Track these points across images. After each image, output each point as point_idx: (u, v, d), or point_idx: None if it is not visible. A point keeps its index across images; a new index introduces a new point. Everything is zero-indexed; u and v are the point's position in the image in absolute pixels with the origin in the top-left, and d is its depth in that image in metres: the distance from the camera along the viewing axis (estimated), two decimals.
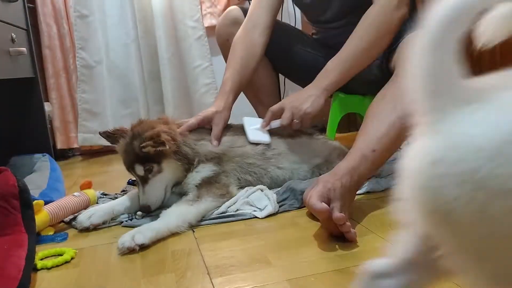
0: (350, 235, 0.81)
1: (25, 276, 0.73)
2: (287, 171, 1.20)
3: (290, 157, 1.21)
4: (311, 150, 1.24)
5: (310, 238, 0.86)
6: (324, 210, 0.80)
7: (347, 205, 0.88)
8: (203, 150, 1.13)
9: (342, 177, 0.90)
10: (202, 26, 2.28)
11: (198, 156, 1.11)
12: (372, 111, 1.03)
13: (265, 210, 1.01)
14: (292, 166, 1.21)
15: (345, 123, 2.20)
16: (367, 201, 1.06)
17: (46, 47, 2.16)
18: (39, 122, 1.71)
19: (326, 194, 0.85)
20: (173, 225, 0.95)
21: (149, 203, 1.05)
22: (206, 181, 1.08)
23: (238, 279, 0.72)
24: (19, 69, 1.54)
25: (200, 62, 2.29)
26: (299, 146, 1.23)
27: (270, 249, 0.83)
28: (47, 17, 2.15)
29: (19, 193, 0.85)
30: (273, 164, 1.19)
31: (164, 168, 1.07)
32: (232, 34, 1.50)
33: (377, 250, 0.77)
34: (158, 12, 2.21)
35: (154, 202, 1.06)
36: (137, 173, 1.06)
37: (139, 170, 1.05)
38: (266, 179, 1.18)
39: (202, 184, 1.07)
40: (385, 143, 0.96)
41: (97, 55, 2.19)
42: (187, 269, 0.77)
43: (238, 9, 1.53)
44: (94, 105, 2.20)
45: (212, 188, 1.06)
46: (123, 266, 0.81)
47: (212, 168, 1.10)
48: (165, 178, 1.08)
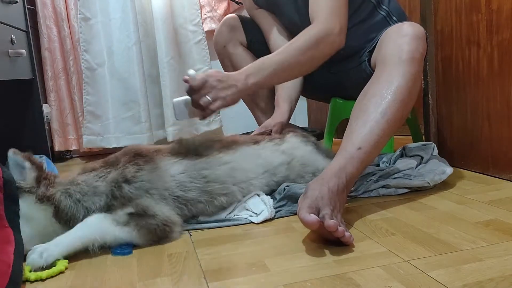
0: (345, 239, 0.80)
1: (15, 271, 0.71)
2: (236, 193, 1.06)
3: (231, 179, 1.05)
4: (258, 164, 1.12)
5: (307, 243, 0.86)
6: (315, 222, 0.79)
7: (338, 208, 0.87)
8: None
9: (329, 181, 0.89)
10: (202, 30, 2.29)
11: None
12: (355, 111, 1.04)
13: (261, 215, 1.01)
14: (239, 186, 1.06)
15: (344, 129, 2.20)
16: (363, 205, 1.06)
17: (45, 49, 2.17)
18: (37, 124, 1.71)
19: (315, 204, 0.84)
20: (88, 240, 0.85)
21: None
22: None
23: (235, 283, 0.72)
24: (18, 70, 1.54)
25: (200, 66, 2.30)
26: (242, 159, 1.09)
27: (267, 253, 0.83)
28: (47, 19, 2.16)
29: (3, 184, 0.78)
30: (216, 193, 1.02)
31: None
32: (230, 41, 1.53)
33: (374, 255, 0.77)
34: (158, 15, 2.22)
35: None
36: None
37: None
38: (212, 208, 1.03)
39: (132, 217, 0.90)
40: (370, 140, 0.97)
41: (99, 58, 2.20)
42: (183, 273, 0.77)
43: (235, 17, 1.55)
44: (97, 107, 2.21)
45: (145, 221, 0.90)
46: (118, 269, 0.81)
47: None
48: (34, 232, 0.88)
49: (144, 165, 0.97)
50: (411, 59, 1.05)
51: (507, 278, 0.66)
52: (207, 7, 2.34)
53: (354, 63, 1.33)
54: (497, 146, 1.22)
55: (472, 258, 0.73)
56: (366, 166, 1.01)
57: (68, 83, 2.24)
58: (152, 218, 0.90)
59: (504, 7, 1.14)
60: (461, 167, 1.35)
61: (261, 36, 1.52)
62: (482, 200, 1.04)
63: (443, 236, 0.84)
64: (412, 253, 0.77)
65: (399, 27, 1.13)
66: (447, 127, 1.41)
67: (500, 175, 1.21)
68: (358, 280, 0.68)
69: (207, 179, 1.02)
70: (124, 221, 0.88)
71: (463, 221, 0.91)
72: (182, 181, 0.99)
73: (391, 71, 1.04)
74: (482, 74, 1.24)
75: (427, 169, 1.18)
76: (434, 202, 1.05)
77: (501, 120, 1.19)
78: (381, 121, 0.98)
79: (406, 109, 1.03)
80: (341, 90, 1.46)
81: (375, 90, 1.03)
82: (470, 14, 1.26)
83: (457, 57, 1.32)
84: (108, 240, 0.87)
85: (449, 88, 1.38)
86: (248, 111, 1.65)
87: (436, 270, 0.70)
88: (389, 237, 0.86)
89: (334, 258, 0.78)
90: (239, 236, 0.94)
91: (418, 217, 0.96)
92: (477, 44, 1.24)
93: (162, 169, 0.99)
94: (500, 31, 1.16)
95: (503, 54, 1.16)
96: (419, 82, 1.10)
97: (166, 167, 0.99)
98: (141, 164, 0.97)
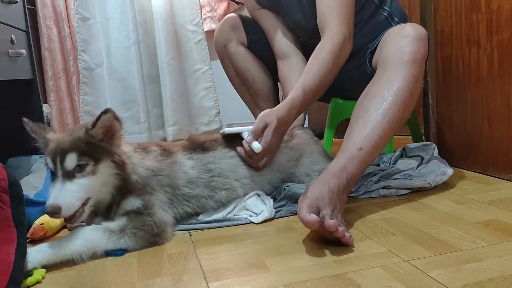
0: (345, 239, 0.80)
1: (15, 270, 0.72)
2: (236, 189, 1.07)
3: (233, 174, 1.07)
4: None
5: (307, 243, 0.86)
6: (315, 222, 0.79)
7: (339, 208, 0.87)
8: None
9: (330, 181, 0.89)
10: (202, 30, 2.29)
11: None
12: (356, 112, 1.04)
13: (261, 215, 1.01)
14: (240, 182, 1.08)
15: (344, 129, 2.20)
16: (363, 205, 1.06)
17: (45, 49, 2.17)
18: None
19: (315, 203, 0.84)
20: (75, 251, 0.82)
21: (61, 204, 0.81)
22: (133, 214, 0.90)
23: (235, 283, 0.72)
24: (18, 70, 1.54)
25: (200, 66, 2.31)
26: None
27: (267, 253, 0.83)
28: (47, 19, 2.16)
29: (9, 187, 0.79)
30: (216, 188, 1.04)
31: (99, 172, 0.87)
32: (230, 40, 1.53)
33: (374, 255, 0.77)
34: (158, 15, 2.22)
35: (68, 206, 0.82)
36: (66, 164, 0.84)
37: (70, 160, 0.83)
38: (212, 203, 1.04)
39: (130, 216, 0.89)
40: (371, 140, 0.97)
41: (98, 58, 2.20)
42: (183, 273, 0.77)
43: (236, 16, 1.55)
44: (95, 107, 2.21)
45: (141, 225, 0.89)
46: (119, 269, 0.81)
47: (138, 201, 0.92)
48: (94, 185, 0.87)
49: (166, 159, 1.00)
50: (413, 61, 1.05)
51: (507, 278, 0.66)
52: (207, 7, 2.34)
53: (355, 63, 1.33)
54: (497, 146, 1.22)
55: (472, 258, 0.73)
56: (367, 166, 1.01)
57: (68, 83, 2.25)
58: (148, 216, 0.91)
59: (504, 7, 1.14)
60: (461, 167, 1.35)
61: (261, 36, 1.52)
62: (482, 200, 1.04)
63: (443, 236, 0.84)
64: (412, 253, 0.77)
65: (401, 28, 1.13)
66: (447, 127, 1.41)
67: (500, 175, 1.21)
68: (358, 280, 0.68)
69: (212, 173, 1.04)
70: (120, 227, 0.87)
71: (463, 221, 0.91)
72: (191, 177, 1.02)
73: (392, 72, 1.04)
74: (482, 74, 1.24)
75: (428, 169, 1.18)
76: (434, 202, 1.05)
77: (501, 120, 1.19)
78: (382, 122, 0.98)
79: (407, 110, 1.03)
80: (342, 90, 1.46)
81: (376, 91, 1.03)
82: (470, 14, 1.26)
83: (457, 57, 1.32)
84: (98, 251, 0.85)
85: (449, 88, 1.38)
86: (248, 111, 1.65)
87: (436, 270, 0.70)
88: (389, 237, 0.86)
89: (334, 258, 0.78)
90: (238, 236, 0.94)
91: (418, 217, 0.96)
92: (477, 44, 1.24)
93: (178, 164, 1.02)
94: (500, 31, 1.16)
95: (503, 54, 1.16)
96: (420, 84, 1.10)
97: (181, 162, 1.02)
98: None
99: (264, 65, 1.55)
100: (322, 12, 1.21)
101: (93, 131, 0.86)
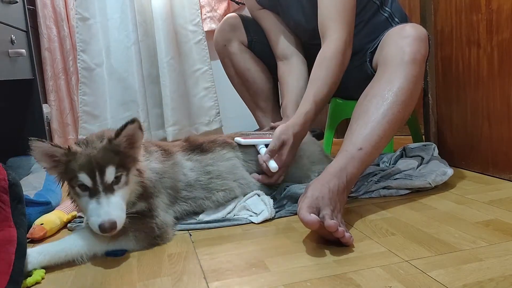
0: (345, 239, 0.80)
1: (15, 270, 0.72)
2: (234, 189, 1.07)
3: (231, 175, 1.08)
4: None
5: (307, 243, 0.86)
6: (315, 222, 0.79)
7: (339, 208, 0.87)
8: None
9: (330, 181, 0.89)
10: (202, 30, 2.29)
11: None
12: (356, 112, 1.04)
13: (261, 215, 1.01)
14: (238, 182, 1.08)
15: (344, 129, 2.20)
16: (363, 205, 1.06)
17: (45, 49, 2.17)
18: (37, 124, 1.71)
19: (315, 203, 0.84)
20: (76, 252, 0.82)
21: (116, 219, 0.80)
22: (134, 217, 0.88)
23: (235, 283, 0.72)
24: (18, 70, 1.54)
25: (200, 66, 2.31)
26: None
27: (267, 253, 0.83)
28: (47, 19, 2.16)
29: (9, 187, 0.80)
30: (214, 189, 1.05)
31: (130, 181, 0.87)
32: (231, 40, 1.52)
33: (374, 255, 0.77)
34: (158, 15, 2.22)
35: (121, 219, 0.82)
36: (107, 178, 0.82)
37: (110, 174, 0.83)
38: (209, 203, 1.05)
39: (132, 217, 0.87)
40: (371, 140, 0.97)
41: (98, 58, 2.20)
42: (183, 273, 0.77)
43: (236, 16, 1.55)
44: (94, 107, 2.21)
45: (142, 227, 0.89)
46: (119, 269, 0.81)
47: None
48: (128, 194, 0.87)
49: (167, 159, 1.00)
50: (413, 61, 1.05)
51: (507, 278, 0.66)
52: (207, 7, 2.34)
53: (355, 63, 1.33)
54: (497, 146, 1.22)
55: (472, 258, 0.73)
56: (367, 166, 1.01)
57: (68, 83, 2.25)
58: (151, 218, 0.91)
59: (504, 7, 1.14)
60: (461, 167, 1.35)
61: (262, 36, 1.52)
62: (482, 200, 1.04)
63: (443, 236, 0.84)
64: (412, 253, 0.77)
65: (401, 28, 1.13)
66: (447, 127, 1.41)
67: (500, 175, 1.21)
68: (358, 280, 0.68)
69: (210, 175, 1.05)
70: (122, 229, 0.84)
71: (463, 221, 0.91)
72: (190, 180, 1.02)
73: (392, 72, 1.04)
74: (482, 74, 1.24)
75: (428, 169, 1.18)
76: (434, 202, 1.05)
77: (501, 120, 1.19)
78: (382, 122, 0.98)
79: (407, 111, 1.03)
80: (342, 90, 1.45)
81: (376, 91, 1.03)
82: (470, 14, 1.26)
83: (457, 57, 1.32)
84: (98, 252, 0.86)
85: (449, 88, 1.38)
86: (248, 111, 1.65)
87: (436, 270, 0.70)
88: (389, 237, 0.86)
89: (334, 258, 0.78)
90: (238, 236, 0.94)
91: (418, 217, 0.96)
92: (477, 44, 1.24)
93: (178, 165, 1.02)
94: (500, 31, 1.16)
95: (503, 54, 1.16)
96: (421, 84, 1.10)
97: (181, 163, 1.02)
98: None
99: (264, 65, 1.55)
100: (323, 16, 1.21)
101: (117, 141, 0.85)
